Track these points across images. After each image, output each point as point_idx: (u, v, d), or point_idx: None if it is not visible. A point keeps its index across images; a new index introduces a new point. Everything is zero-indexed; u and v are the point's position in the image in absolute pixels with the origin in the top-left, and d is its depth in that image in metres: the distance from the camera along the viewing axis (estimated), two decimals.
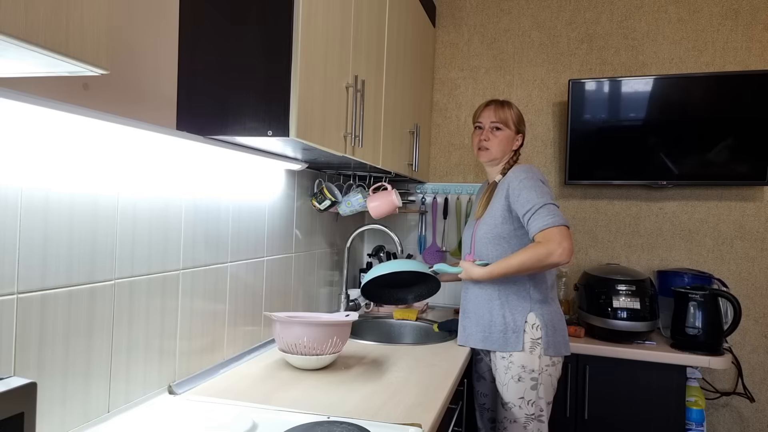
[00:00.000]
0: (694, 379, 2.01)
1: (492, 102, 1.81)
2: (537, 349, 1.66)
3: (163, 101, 1.19)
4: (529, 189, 1.63)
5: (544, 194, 1.62)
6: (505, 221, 1.70)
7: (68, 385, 0.98)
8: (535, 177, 1.67)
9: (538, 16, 2.53)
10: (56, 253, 0.94)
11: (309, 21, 1.21)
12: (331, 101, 1.37)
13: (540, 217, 1.58)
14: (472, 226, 1.84)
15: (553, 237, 1.55)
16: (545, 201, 1.60)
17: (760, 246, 2.25)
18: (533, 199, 1.61)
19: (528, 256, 1.57)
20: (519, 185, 1.65)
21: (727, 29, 2.29)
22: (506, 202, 1.69)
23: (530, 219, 1.60)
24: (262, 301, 1.68)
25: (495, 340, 1.71)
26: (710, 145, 2.20)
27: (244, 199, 1.56)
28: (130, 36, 1.09)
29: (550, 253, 1.54)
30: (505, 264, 1.60)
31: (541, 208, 1.59)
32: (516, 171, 1.71)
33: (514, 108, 1.81)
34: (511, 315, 1.69)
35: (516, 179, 1.67)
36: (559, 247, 1.53)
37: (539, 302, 1.71)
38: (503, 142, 1.78)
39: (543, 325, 1.67)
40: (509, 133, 1.79)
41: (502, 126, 1.78)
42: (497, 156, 1.78)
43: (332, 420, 1.10)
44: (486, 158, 1.80)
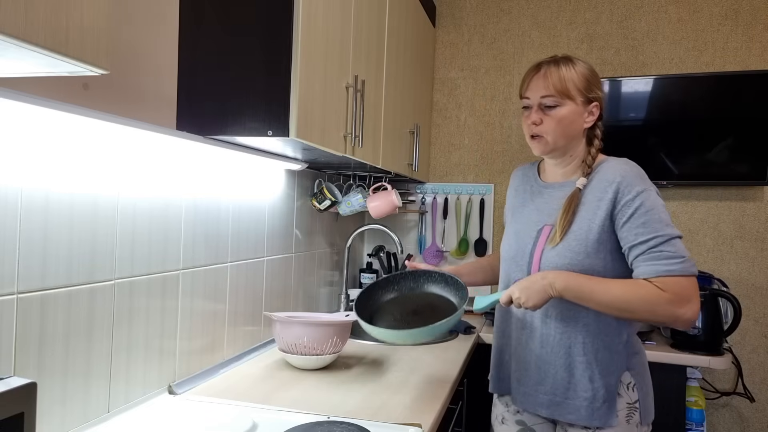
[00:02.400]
0: (694, 379, 2.01)
1: (542, 65, 1.23)
2: (635, 417, 1.18)
3: (163, 101, 1.19)
4: (651, 210, 1.12)
5: (669, 220, 1.14)
6: (600, 249, 1.16)
7: (68, 385, 0.98)
8: (654, 188, 1.17)
9: (538, 16, 2.53)
10: (56, 253, 0.94)
11: (309, 21, 1.21)
12: (331, 101, 1.37)
13: (666, 255, 1.09)
14: (527, 249, 1.25)
15: (685, 291, 1.08)
16: (673, 233, 1.11)
17: (760, 246, 2.25)
18: (657, 227, 1.11)
19: (642, 298, 1.08)
20: (636, 200, 1.13)
21: (727, 29, 2.29)
22: (607, 223, 1.16)
23: (646, 255, 1.11)
24: (262, 301, 1.68)
25: (574, 409, 1.19)
26: (710, 145, 2.20)
27: (244, 199, 1.56)
28: (130, 36, 1.09)
29: (678, 315, 1.08)
30: (601, 287, 1.10)
31: (666, 243, 1.10)
32: (625, 173, 1.17)
33: (577, 66, 1.23)
34: (602, 377, 1.17)
35: (630, 188, 1.14)
36: (690, 310, 1.07)
37: (635, 354, 1.22)
38: (564, 123, 1.20)
39: (641, 385, 1.20)
40: (573, 108, 1.21)
41: (560, 99, 1.20)
42: (558, 145, 1.22)
43: (332, 420, 1.10)
44: (540, 149, 1.25)
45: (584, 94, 1.22)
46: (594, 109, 1.23)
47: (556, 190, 1.27)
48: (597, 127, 1.26)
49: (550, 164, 1.31)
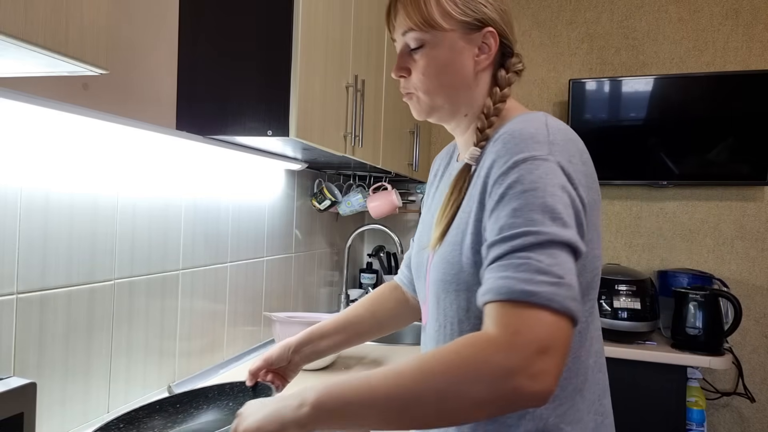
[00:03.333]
0: (694, 379, 2.01)
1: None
2: None
3: (163, 101, 1.19)
4: (532, 190, 0.62)
5: (565, 211, 0.62)
6: (480, 261, 0.68)
7: (68, 386, 0.98)
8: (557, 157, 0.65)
9: (539, 15, 2.53)
10: (56, 253, 0.94)
11: (309, 21, 1.21)
12: (331, 101, 1.37)
13: (531, 267, 0.58)
14: (423, 258, 0.84)
15: (543, 335, 0.55)
16: (559, 234, 0.60)
17: (761, 246, 2.24)
18: (535, 218, 0.61)
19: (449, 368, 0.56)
20: (511, 174, 0.65)
21: (727, 29, 2.29)
22: (481, 212, 0.69)
23: (503, 261, 0.61)
24: (261, 301, 1.68)
25: None
26: (711, 145, 2.20)
27: (244, 199, 1.56)
28: (130, 36, 1.09)
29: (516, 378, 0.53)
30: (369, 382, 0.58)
31: (540, 247, 0.59)
32: (510, 135, 0.68)
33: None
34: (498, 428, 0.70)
35: (507, 157, 0.66)
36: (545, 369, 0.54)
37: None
38: (434, 68, 0.78)
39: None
40: (446, 43, 0.77)
41: (422, 34, 0.77)
42: (436, 103, 0.80)
43: None
44: (415, 112, 0.84)
45: (462, 20, 0.76)
46: (488, 39, 0.77)
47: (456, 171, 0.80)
48: (503, 66, 0.80)
49: (452, 132, 0.87)
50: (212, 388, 0.99)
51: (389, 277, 2.50)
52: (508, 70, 0.81)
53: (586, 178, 0.68)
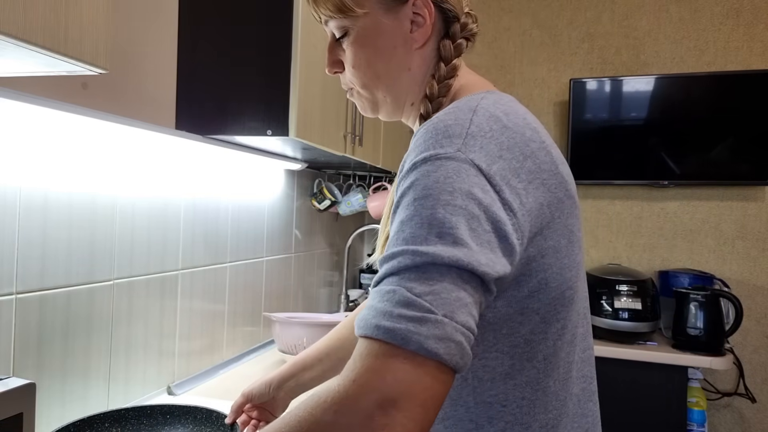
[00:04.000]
0: (695, 379, 2.00)
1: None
2: None
3: (162, 100, 1.19)
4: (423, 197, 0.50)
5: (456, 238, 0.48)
6: None
7: (67, 386, 0.98)
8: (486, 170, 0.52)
9: (539, 15, 2.53)
10: (55, 253, 0.94)
11: (309, 20, 1.20)
12: (331, 101, 1.36)
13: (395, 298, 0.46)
14: None
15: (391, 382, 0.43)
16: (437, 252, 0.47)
17: (762, 246, 2.24)
18: (415, 233, 0.49)
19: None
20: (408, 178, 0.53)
21: (728, 28, 2.29)
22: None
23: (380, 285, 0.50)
24: (261, 302, 1.68)
25: None
26: (711, 145, 2.19)
27: (244, 199, 1.56)
28: (130, 35, 1.09)
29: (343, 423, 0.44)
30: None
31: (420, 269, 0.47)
32: (422, 130, 0.55)
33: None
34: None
35: (409, 157, 0.55)
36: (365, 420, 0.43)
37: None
38: (362, 58, 0.67)
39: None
40: (369, 28, 0.66)
41: (341, 21, 0.67)
42: (376, 97, 0.71)
43: None
44: (361, 110, 0.75)
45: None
46: (420, 8, 0.65)
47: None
48: (448, 36, 0.67)
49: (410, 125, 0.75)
50: (182, 408, 0.99)
51: None
52: (453, 38, 0.67)
53: (531, 175, 0.54)
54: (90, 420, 0.91)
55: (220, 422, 0.97)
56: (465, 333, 0.46)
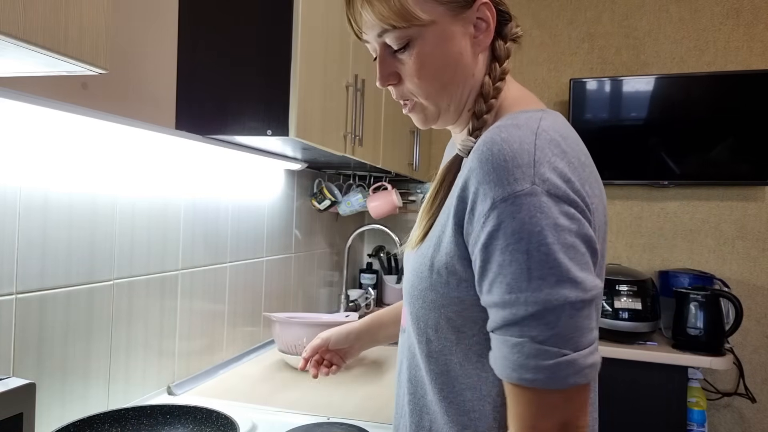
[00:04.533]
0: (695, 379, 2.00)
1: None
2: None
3: (162, 100, 1.19)
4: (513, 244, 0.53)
5: (567, 270, 0.53)
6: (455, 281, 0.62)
7: (67, 386, 0.98)
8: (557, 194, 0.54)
9: (539, 14, 2.53)
10: (55, 253, 0.94)
11: (309, 20, 1.20)
12: (331, 100, 1.36)
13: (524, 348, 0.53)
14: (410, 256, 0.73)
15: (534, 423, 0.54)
16: (560, 297, 0.52)
17: (762, 246, 2.24)
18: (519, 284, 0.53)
19: None
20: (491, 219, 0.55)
21: (728, 28, 2.29)
22: (457, 236, 0.60)
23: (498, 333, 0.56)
24: (261, 302, 1.68)
25: None
26: (712, 145, 2.19)
27: (244, 199, 1.56)
28: (130, 35, 1.09)
29: None
30: None
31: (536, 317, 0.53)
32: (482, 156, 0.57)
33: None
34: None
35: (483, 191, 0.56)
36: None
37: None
38: (431, 67, 0.65)
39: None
40: (436, 36, 0.64)
41: (403, 31, 0.64)
42: (441, 106, 0.68)
43: (332, 421, 1.10)
44: (422, 124, 0.72)
45: (437, 3, 0.63)
46: (483, 12, 0.65)
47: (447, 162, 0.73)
48: (501, 36, 0.68)
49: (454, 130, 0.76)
50: (182, 408, 1.00)
51: (389, 277, 2.49)
52: (506, 39, 0.68)
53: (591, 182, 0.59)
54: (90, 420, 0.91)
55: (220, 422, 0.97)
56: (592, 351, 0.54)
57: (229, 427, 0.94)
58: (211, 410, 0.99)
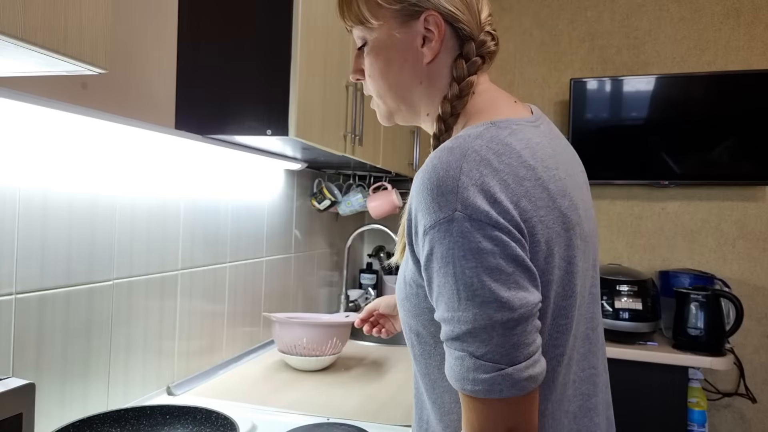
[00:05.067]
0: (695, 380, 2.00)
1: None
2: None
3: (162, 100, 1.19)
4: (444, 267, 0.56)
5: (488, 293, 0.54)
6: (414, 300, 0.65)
7: (67, 386, 0.98)
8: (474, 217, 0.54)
9: (539, 14, 2.53)
10: (54, 253, 0.94)
11: (309, 20, 1.20)
12: (331, 100, 1.36)
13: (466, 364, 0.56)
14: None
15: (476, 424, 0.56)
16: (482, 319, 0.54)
17: (763, 246, 2.24)
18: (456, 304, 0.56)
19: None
20: (426, 245, 0.58)
21: (728, 28, 2.28)
22: (410, 246, 0.63)
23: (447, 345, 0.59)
24: (261, 302, 1.68)
25: None
26: (712, 145, 2.19)
27: (243, 199, 1.56)
28: (129, 35, 1.09)
29: None
30: None
31: (471, 334, 0.55)
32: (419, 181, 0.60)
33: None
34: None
35: (418, 219, 0.59)
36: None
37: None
38: (376, 68, 0.71)
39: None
40: (382, 40, 0.69)
41: (360, 31, 0.71)
42: (390, 106, 0.74)
43: (332, 421, 1.10)
44: (379, 118, 0.77)
45: (391, 8, 0.67)
46: (430, 24, 0.67)
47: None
48: (462, 56, 0.68)
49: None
50: (181, 408, 1.00)
51: (389, 277, 2.49)
52: (467, 57, 0.67)
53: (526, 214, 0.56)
54: (90, 420, 0.91)
55: (220, 422, 0.96)
56: (529, 365, 0.55)
57: (229, 427, 0.94)
58: (211, 410, 0.99)
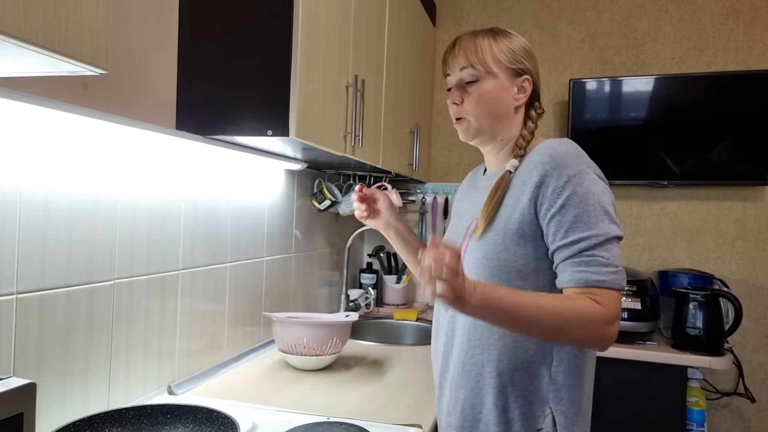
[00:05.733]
0: (695, 379, 2.00)
1: (460, 38, 1.05)
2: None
3: (163, 101, 1.19)
4: (585, 200, 0.89)
5: (610, 212, 0.90)
6: (521, 243, 0.93)
7: (67, 386, 0.98)
8: (593, 170, 0.94)
9: (539, 15, 2.53)
10: (55, 253, 0.94)
11: (309, 20, 1.20)
12: (331, 101, 1.37)
13: (599, 262, 0.86)
14: (459, 241, 1.05)
15: (616, 308, 0.86)
16: (611, 231, 0.88)
17: (761, 246, 2.24)
18: (592, 223, 0.88)
19: (578, 313, 0.84)
20: (567, 188, 0.89)
21: (727, 29, 2.29)
22: (530, 210, 0.93)
23: (576, 258, 0.88)
24: (261, 302, 1.68)
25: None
26: (711, 145, 2.19)
27: (244, 199, 1.56)
28: (130, 35, 1.09)
29: (605, 335, 0.85)
30: (526, 299, 0.83)
31: (601, 246, 0.87)
32: (555, 153, 0.93)
33: (498, 36, 1.03)
34: (517, 407, 0.94)
35: (559, 171, 0.91)
36: (616, 331, 0.86)
37: (568, 388, 0.94)
38: (486, 100, 1.01)
39: (568, 415, 0.94)
40: (495, 83, 1.01)
41: (480, 73, 1.01)
42: (482, 127, 1.03)
43: (332, 421, 1.10)
44: (463, 134, 1.06)
45: (508, 66, 1.01)
46: (525, 84, 1.02)
47: (491, 180, 1.04)
48: (533, 107, 1.05)
49: (485, 153, 1.10)
50: (182, 407, 1.00)
51: (389, 277, 2.50)
52: (536, 108, 1.06)
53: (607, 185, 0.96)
54: (90, 420, 0.91)
55: (221, 422, 0.97)
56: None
57: (230, 426, 0.95)
58: (212, 410, 0.99)
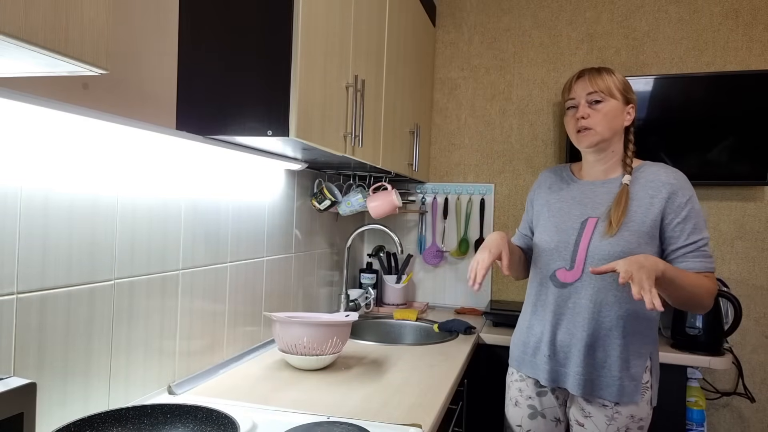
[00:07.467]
0: (694, 379, 2.00)
1: (585, 71, 1.40)
2: (646, 395, 1.37)
3: (163, 101, 1.19)
4: (698, 214, 1.32)
5: (704, 220, 1.35)
6: (649, 242, 1.33)
7: (68, 386, 0.98)
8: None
9: (539, 15, 2.53)
10: (55, 253, 0.94)
11: (309, 20, 1.20)
12: (331, 101, 1.37)
13: (707, 254, 1.31)
14: (570, 240, 1.39)
15: (716, 284, 1.31)
16: (708, 236, 1.33)
17: (761, 246, 2.24)
18: (703, 230, 1.32)
19: (706, 289, 1.27)
20: (688, 204, 1.32)
21: (727, 29, 2.29)
22: (659, 218, 1.32)
23: (696, 253, 1.30)
24: (261, 302, 1.68)
25: (605, 386, 1.36)
26: (711, 145, 2.20)
27: (244, 199, 1.56)
28: (130, 35, 1.09)
29: (708, 305, 1.29)
30: (682, 274, 1.24)
31: (707, 244, 1.32)
32: (678, 178, 1.34)
33: (614, 72, 1.39)
34: (634, 359, 1.36)
35: (683, 192, 1.32)
36: (714, 298, 1.30)
37: (656, 341, 1.41)
38: (609, 116, 1.36)
39: (655, 369, 1.40)
40: (616, 104, 1.36)
41: (605, 96, 1.36)
42: (605, 135, 1.36)
43: (332, 420, 1.10)
44: (588, 141, 1.37)
45: (624, 95, 1.38)
46: (631, 110, 1.39)
47: (598, 187, 1.42)
48: (630, 131, 1.42)
49: (591, 161, 1.44)
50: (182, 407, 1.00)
51: (389, 277, 2.50)
52: (633, 134, 1.43)
53: None
54: (90, 420, 0.91)
55: (221, 421, 0.97)
56: None
57: (230, 426, 0.95)
58: (212, 410, 0.99)
